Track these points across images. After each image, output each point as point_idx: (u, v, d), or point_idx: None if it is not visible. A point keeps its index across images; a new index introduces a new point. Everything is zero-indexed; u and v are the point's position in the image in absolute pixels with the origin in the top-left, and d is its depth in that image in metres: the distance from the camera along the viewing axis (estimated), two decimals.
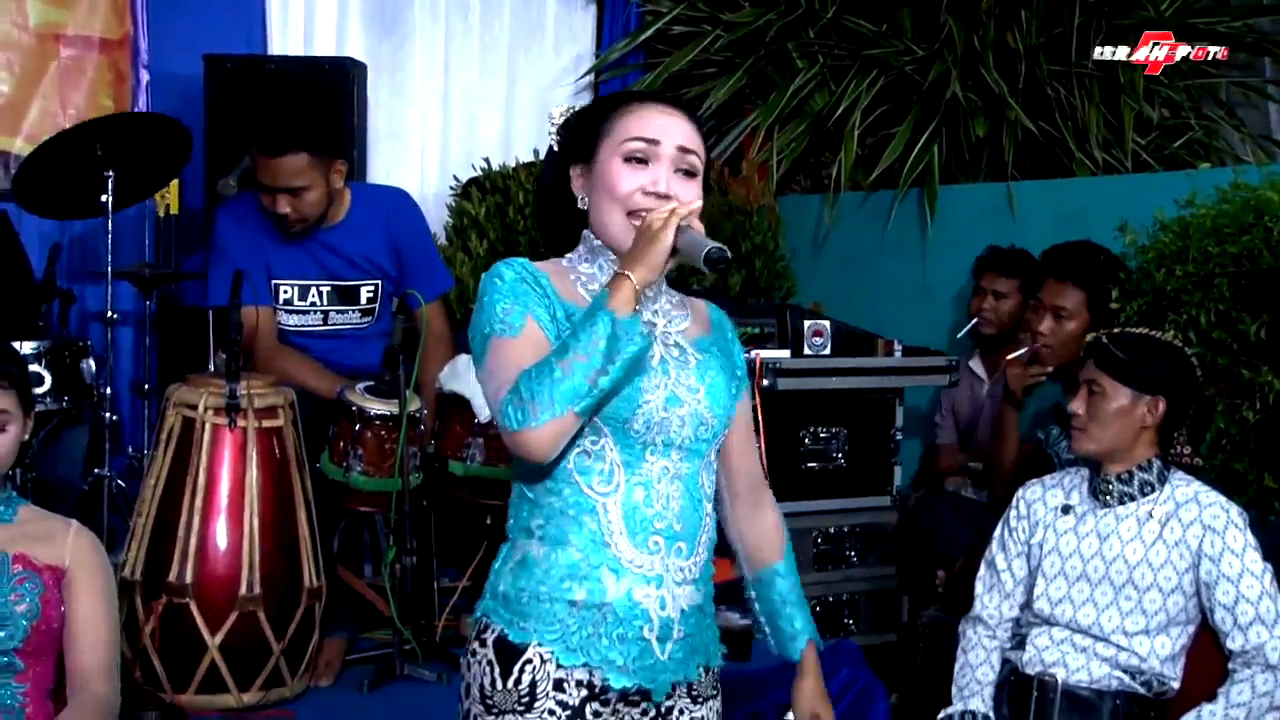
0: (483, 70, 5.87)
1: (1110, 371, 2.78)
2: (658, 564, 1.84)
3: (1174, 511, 2.76)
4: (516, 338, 1.81)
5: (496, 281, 1.85)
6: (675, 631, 1.86)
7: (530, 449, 1.76)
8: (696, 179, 1.91)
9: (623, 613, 1.83)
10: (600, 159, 1.90)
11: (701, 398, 1.90)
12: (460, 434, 3.53)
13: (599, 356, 1.74)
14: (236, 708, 3.03)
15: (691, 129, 1.92)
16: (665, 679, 1.88)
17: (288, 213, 3.56)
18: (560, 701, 1.81)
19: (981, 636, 2.91)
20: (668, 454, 1.87)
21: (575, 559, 1.82)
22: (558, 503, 1.84)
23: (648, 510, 1.84)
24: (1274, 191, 3.26)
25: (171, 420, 3.11)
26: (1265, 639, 2.66)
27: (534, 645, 1.82)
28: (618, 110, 1.92)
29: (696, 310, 2.03)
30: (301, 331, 3.72)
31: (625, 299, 1.77)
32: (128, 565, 3.06)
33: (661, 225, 1.78)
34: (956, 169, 5.17)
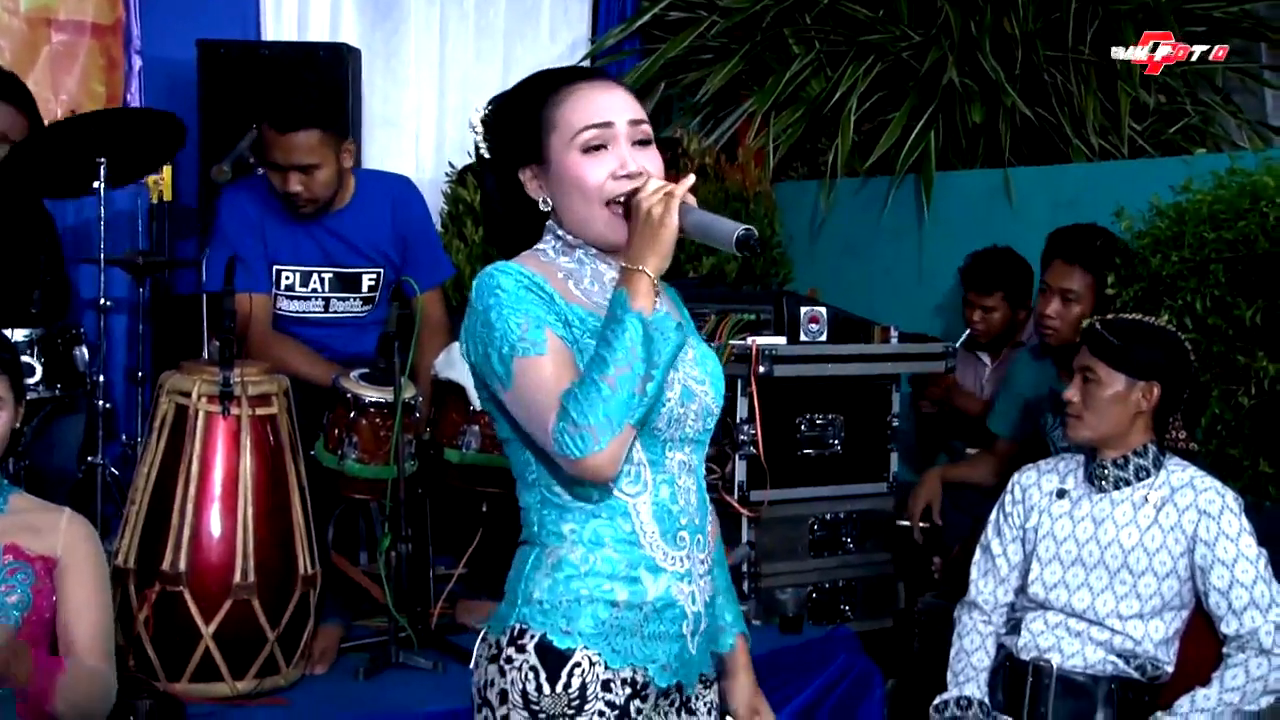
0: (478, 56, 5.84)
1: (1104, 358, 2.78)
2: (686, 560, 1.83)
3: (1169, 496, 2.76)
4: (545, 355, 1.73)
5: (499, 294, 1.76)
6: (702, 624, 1.86)
7: (597, 473, 1.72)
8: (652, 145, 1.85)
9: (663, 611, 1.80)
10: (555, 158, 1.82)
11: (708, 388, 1.87)
12: (456, 421, 3.52)
13: (640, 363, 1.69)
14: (231, 696, 3.02)
15: (629, 96, 1.85)
16: (694, 672, 1.87)
17: (299, 191, 3.55)
18: (609, 702, 1.77)
19: (976, 622, 2.91)
20: (682, 448, 1.84)
21: (614, 559, 1.78)
22: (588, 506, 1.79)
23: (674, 507, 1.82)
24: (1270, 177, 3.26)
25: (165, 408, 3.10)
26: (1259, 623, 2.66)
27: (581, 649, 1.77)
28: (551, 100, 1.83)
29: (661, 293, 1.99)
30: (302, 318, 3.71)
31: (647, 295, 1.71)
32: (121, 553, 3.06)
33: (664, 210, 1.73)
34: (953, 155, 5.16)
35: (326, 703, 3.11)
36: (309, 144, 3.52)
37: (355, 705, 3.10)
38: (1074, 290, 3.62)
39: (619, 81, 1.89)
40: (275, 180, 3.57)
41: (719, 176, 5.11)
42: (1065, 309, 3.64)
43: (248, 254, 3.59)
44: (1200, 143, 5.01)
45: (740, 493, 3.80)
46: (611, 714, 1.77)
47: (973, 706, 2.82)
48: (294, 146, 3.51)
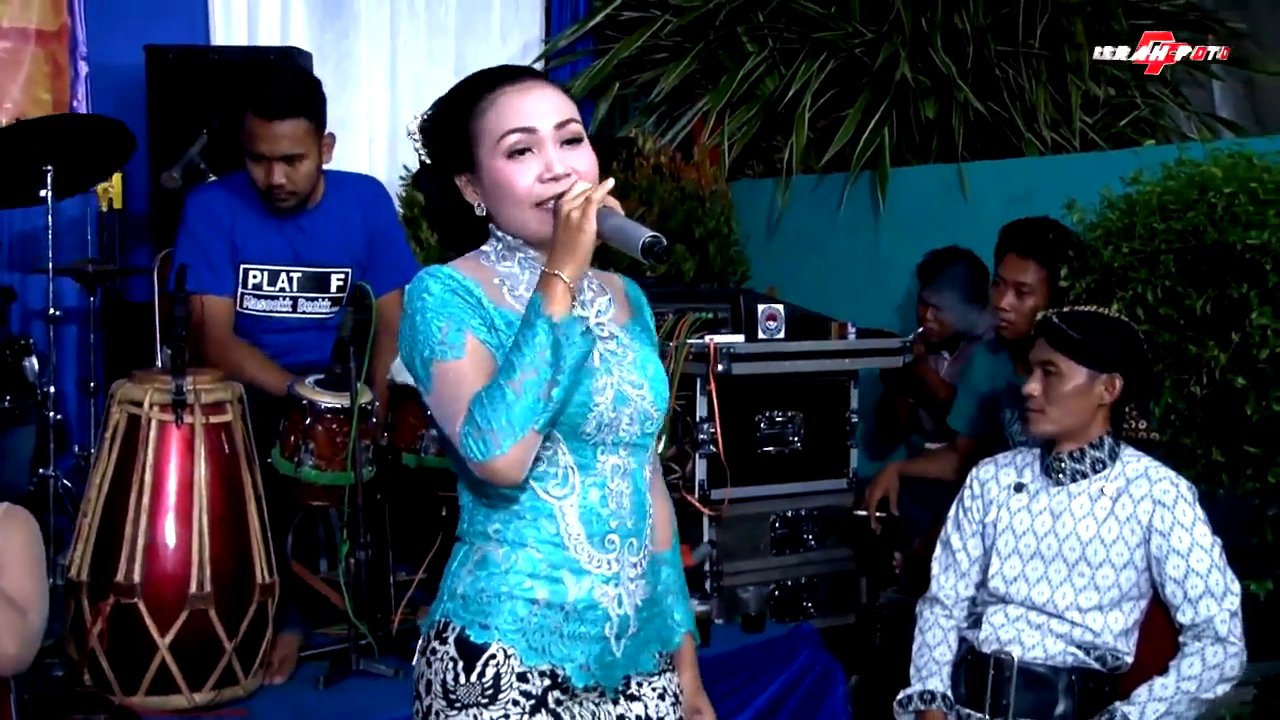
0: (429, 57, 5.82)
1: (1066, 351, 2.79)
2: (614, 562, 1.83)
3: (1125, 487, 2.78)
4: (462, 359, 1.76)
5: (425, 297, 1.78)
6: (631, 627, 1.86)
7: (499, 477, 1.73)
8: (583, 144, 1.84)
9: (584, 613, 1.82)
10: (484, 164, 1.83)
11: (646, 392, 1.87)
12: (414, 426, 3.50)
13: (546, 368, 1.70)
14: (188, 708, 2.99)
15: (555, 96, 1.84)
16: (619, 674, 1.88)
17: (282, 183, 3.51)
18: (524, 692, 1.79)
19: (938, 616, 2.92)
20: (617, 451, 1.85)
21: (536, 559, 1.81)
22: (515, 507, 1.81)
23: (603, 510, 1.83)
24: (1218, 168, 3.28)
25: (117, 418, 3.07)
26: (1215, 612, 2.68)
27: (496, 643, 1.79)
28: (477, 108, 1.84)
29: (616, 290, 1.97)
30: (269, 318, 3.67)
31: (560, 300, 1.72)
32: (74, 566, 3.02)
33: (581, 215, 1.73)
34: (907, 151, 5.18)
35: (286, 712, 3.09)
36: (296, 133, 3.49)
37: (315, 714, 3.08)
38: (1028, 283, 3.64)
39: (546, 80, 1.89)
40: (257, 173, 3.52)
41: (675, 176, 5.11)
42: (1020, 302, 3.65)
43: (214, 255, 3.56)
44: (1150, 135, 5.06)
45: (701, 491, 3.80)
46: (526, 703, 1.79)
47: (936, 700, 2.82)
48: (280, 135, 3.47)
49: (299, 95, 3.53)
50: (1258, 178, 3.18)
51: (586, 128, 1.89)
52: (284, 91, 3.52)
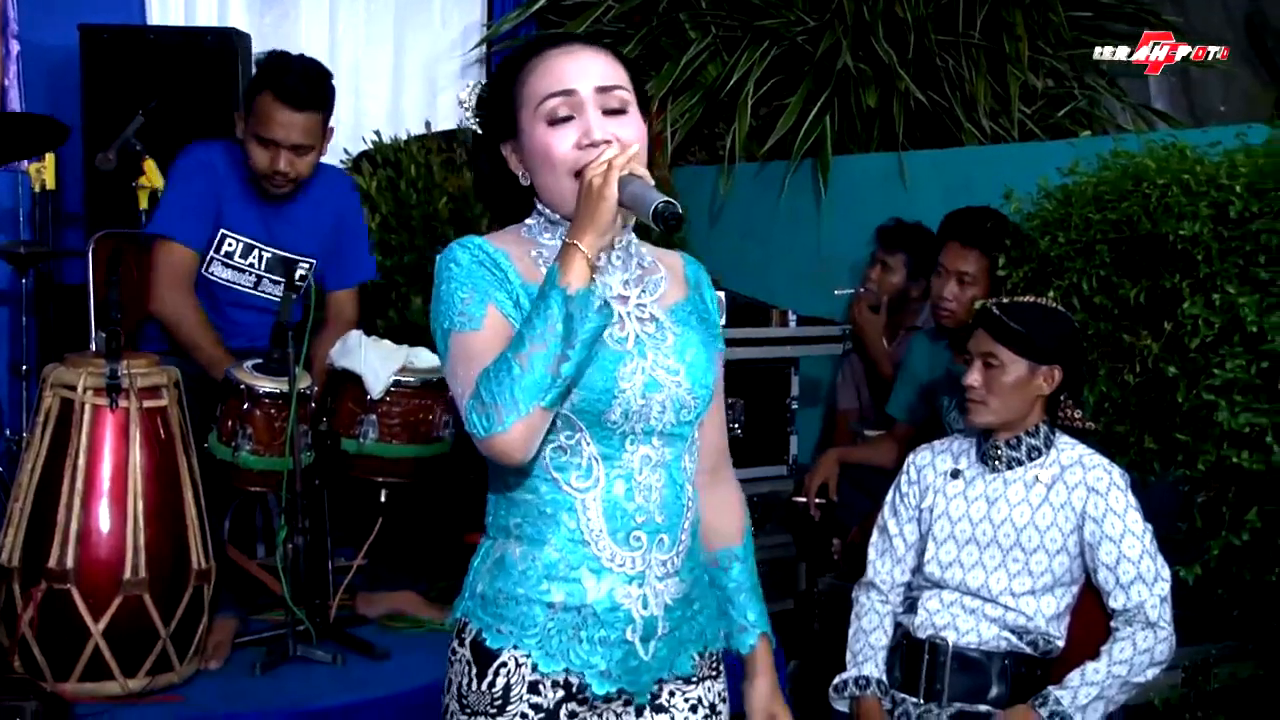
0: (368, 41, 5.77)
1: (1007, 343, 2.81)
2: (639, 561, 1.74)
3: (1059, 474, 2.82)
4: (479, 330, 1.69)
5: (452, 267, 1.72)
6: (660, 629, 1.76)
7: (502, 454, 1.65)
8: (629, 113, 1.75)
9: (604, 615, 1.73)
10: (525, 131, 1.76)
11: (682, 379, 1.76)
12: (353, 411, 3.47)
13: (557, 341, 1.61)
14: (122, 695, 2.95)
15: (604, 62, 1.76)
16: (648, 679, 1.78)
17: (285, 171, 3.50)
18: (534, 704, 1.73)
19: (874, 601, 2.95)
20: (649, 441, 1.75)
21: (553, 559, 1.72)
22: (535, 500, 1.73)
23: (629, 505, 1.73)
24: (1152, 159, 3.32)
25: (49, 401, 3.02)
26: (1145, 597, 2.72)
27: (510, 649, 1.73)
28: (523, 72, 1.77)
29: (672, 270, 1.87)
30: (229, 289, 3.64)
31: (577, 272, 1.63)
32: (4, 551, 2.97)
33: (602, 181, 1.64)
34: (849, 139, 5.21)
35: (222, 698, 3.06)
36: (312, 125, 3.49)
37: (252, 700, 3.05)
38: (970, 272, 3.67)
39: (599, 45, 1.80)
40: (260, 157, 3.49)
41: None
42: (961, 291, 3.69)
43: (196, 207, 3.53)
44: (1087, 125, 5.12)
45: None
46: (535, 716, 1.73)
47: (871, 685, 2.85)
48: (297, 125, 3.46)
49: (321, 88, 3.52)
50: (1190, 170, 3.23)
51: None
52: (308, 83, 3.49)
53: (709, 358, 1.81)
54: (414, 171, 4.74)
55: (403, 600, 3.68)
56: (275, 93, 3.45)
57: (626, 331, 1.76)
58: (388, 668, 3.29)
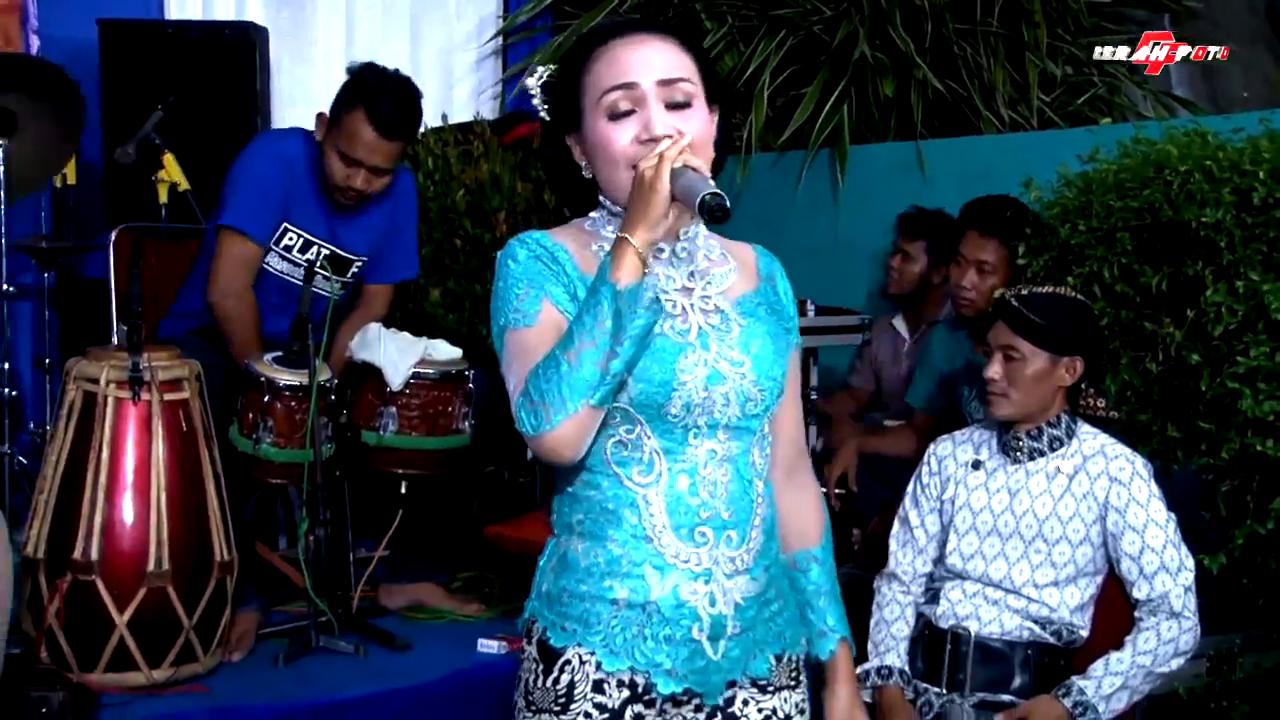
0: (385, 35, 5.78)
1: (1027, 336, 2.80)
2: (705, 557, 1.69)
3: (1082, 465, 2.81)
4: (532, 327, 1.66)
5: (510, 264, 1.70)
6: (730, 627, 1.71)
7: (551, 452, 1.62)
8: (693, 106, 1.70)
9: (669, 612, 1.68)
10: (587, 123, 1.72)
11: (747, 371, 1.72)
12: (373, 403, 3.49)
13: (605, 338, 1.57)
14: (147, 685, 2.98)
15: (669, 53, 1.71)
16: (719, 680, 1.73)
17: (361, 190, 3.53)
18: (598, 704, 1.69)
19: (896, 592, 2.94)
20: (713, 435, 1.70)
21: (616, 555, 1.69)
22: (597, 496, 1.70)
23: (693, 500, 1.69)
24: (1173, 146, 3.30)
25: (72, 395, 3.04)
26: (1170, 587, 2.71)
27: (574, 647, 1.70)
28: (587, 62, 1.73)
29: (743, 261, 1.84)
30: (281, 278, 3.66)
31: (628, 267, 1.58)
32: (30, 543, 3.00)
33: (654, 174, 1.60)
34: (866, 128, 5.19)
35: (246, 689, 3.08)
36: (395, 152, 3.53)
37: (275, 691, 3.07)
38: (989, 261, 3.66)
39: (668, 32, 1.74)
40: (338, 170, 3.51)
41: None
42: (980, 280, 3.67)
43: (267, 199, 3.55)
44: (1107, 113, 5.09)
45: None
46: (600, 715, 1.70)
47: (893, 675, 2.85)
48: (382, 150, 3.49)
49: (414, 117, 3.54)
50: (1212, 156, 3.20)
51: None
52: (403, 111, 3.49)
53: (776, 350, 1.77)
54: (431, 164, 4.75)
55: (424, 591, 3.70)
56: (369, 115, 3.44)
57: (689, 323, 1.72)
58: (409, 658, 3.31)
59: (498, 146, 4.82)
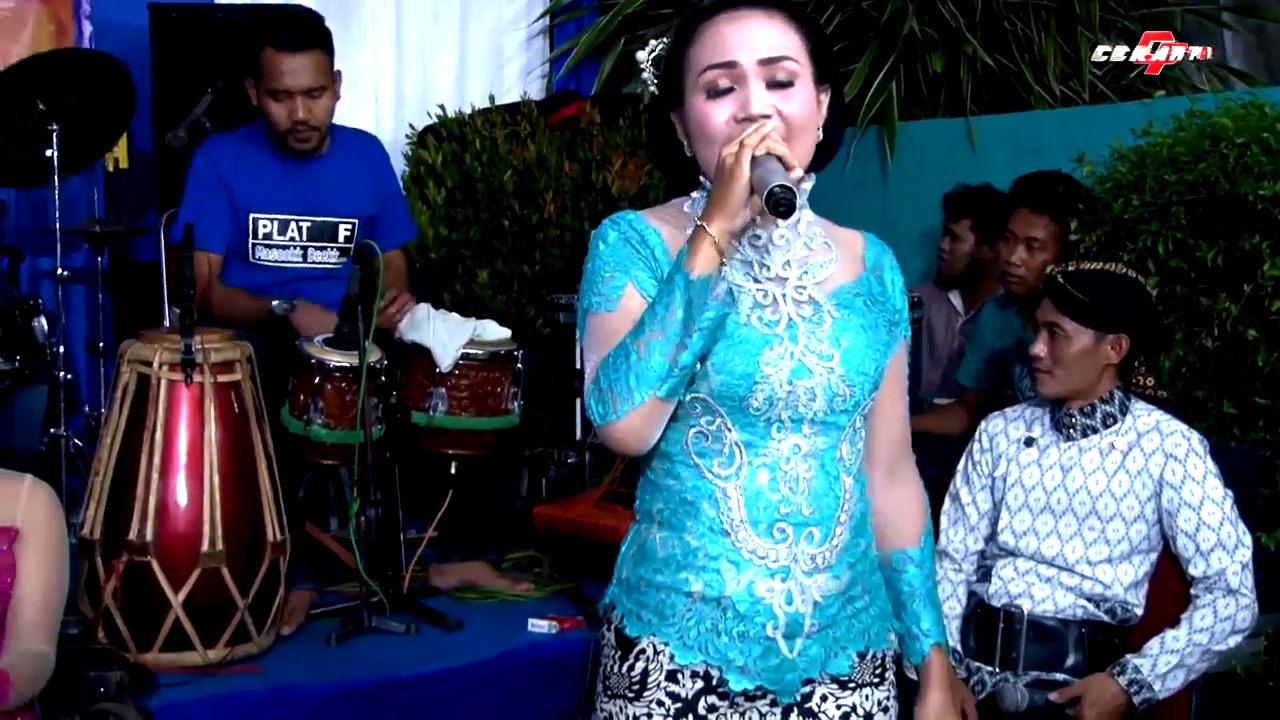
0: (435, 17, 5.77)
1: (1071, 313, 2.77)
2: (784, 554, 1.65)
3: (1136, 441, 2.77)
4: (613, 312, 1.62)
5: (600, 245, 1.66)
6: (808, 626, 1.67)
7: (617, 442, 1.60)
8: (797, 84, 1.64)
9: (744, 609, 1.65)
10: (687, 100, 1.67)
11: (836, 365, 1.66)
12: (423, 384, 3.50)
13: (676, 329, 1.54)
14: (202, 665, 3.00)
15: (775, 29, 1.65)
16: (794, 678, 1.69)
17: (305, 119, 3.59)
18: (671, 693, 1.68)
19: (947, 570, 2.92)
20: (798, 429, 1.65)
21: (693, 547, 1.66)
22: (676, 486, 1.67)
23: (773, 495, 1.65)
24: (1229, 119, 3.25)
25: (126, 377, 3.07)
26: (1227, 564, 2.68)
27: (649, 638, 1.69)
28: (691, 37, 1.67)
29: (849, 250, 1.78)
30: (281, 267, 3.70)
31: (704, 257, 1.53)
32: (87, 524, 3.03)
33: (734, 161, 1.54)
34: (915, 105, 5.14)
35: (299, 668, 3.10)
36: (317, 65, 3.58)
37: (328, 670, 3.09)
38: (1039, 238, 3.62)
39: (776, 8, 1.67)
40: (279, 112, 3.59)
41: None
42: (1030, 257, 3.64)
43: (207, 211, 3.62)
44: (1160, 86, 5.01)
45: None
46: (672, 705, 1.68)
47: None
48: (302, 68, 3.55)
49: (315, 28, 3.62)
50: (1270, 128, 3.16)
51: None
52: (302, 25, 3.60)
53: (871, 344, 1.70)
54: (478, 145, 4.75)
55: (474, 571, 3.71)
56: (275, 45, 3.55)
57: (780, 314, 1.67)
58: (460, 638, 3.32)
59: (545, 127, 4.81)
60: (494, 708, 3.13)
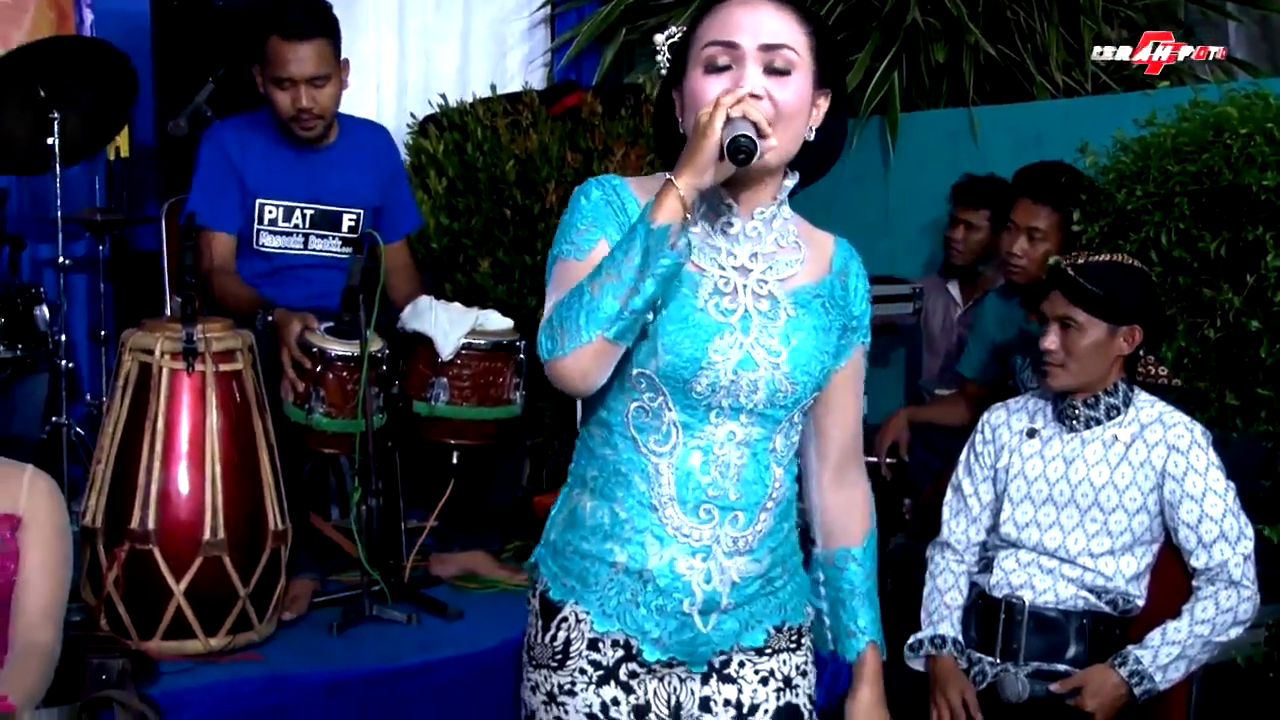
0: (437, 5, 5.76)
1: (1085, 306, 2.75)
2: (707, 534, 1.70)
3: (1139, 433, 2.77)
4: (581, 261, 1.67)
5: (582, 200, 1.71)
6: (724, 604, 1.73)
7: (561, 378, 1.63)
8: (793, 74, 1.67)
9: (664, 583, 1.70)
10: (687, 74, 1.70)
11: (782, 362, 1.70)
12: (424, 374, 3.50)
13: (631, 274, 1.57)
14: (204, 653, 3.01)
15: (783, 20, 1.68)
16: (707, 650, 1.75)
17: (310, 107, 3.56)
18: (593, 661, 1.73)
19: (949, 561, 2.92)
20: (736, 418, 1.70)
21: (621, 519, 1.70)
22: (612, 456, 1.71)
23: (704, 477, 1.69)
24: (1233, 108, 3.25)
25: (128, 366, 3.07)
26: (1228, 556, 2.68)
27: (571, 604, 1.73)
28: (703, 17, 1.72)
29: (819, 251, 1.81)
30: (283, 253, 3.70)
31: (667, 208, 1.57)
32: (88, 513, 3.04)
33: (708, 119, 1.58)
34: (917, 95, 5.13)
35: (301, 657, 3.10)
36: (322, 53, 3.54)
37: (329, 659, 3.09)
38: (1040, 228, 3.62)
39: (788, 1, 1.70)
40: (283, 100, 3.56)
41: None
42: (1032, 247, 3.64)
43: (220, 192, 3.60)
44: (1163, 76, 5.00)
45: None
46: (594, 673, 1.73)
47: (947, 644, 2.83)
48: (307, 57, 3.52)
49: (321, 15, 3.58)
50: (1274, 118, 3.16)
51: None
52: (306, 12, 3.56)
53: (820, 345, 1.74)
54: (480, 134, 4.74)
55: (475, 561, 3.71)
56: (280, 33, 3.52)
57: (737, 304, 1.71)
58: (461, 627, 3.33)
59: (546, 117, 4.80)
60: (494, 697, 3.13)
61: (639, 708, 1.74)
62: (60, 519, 2.47)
